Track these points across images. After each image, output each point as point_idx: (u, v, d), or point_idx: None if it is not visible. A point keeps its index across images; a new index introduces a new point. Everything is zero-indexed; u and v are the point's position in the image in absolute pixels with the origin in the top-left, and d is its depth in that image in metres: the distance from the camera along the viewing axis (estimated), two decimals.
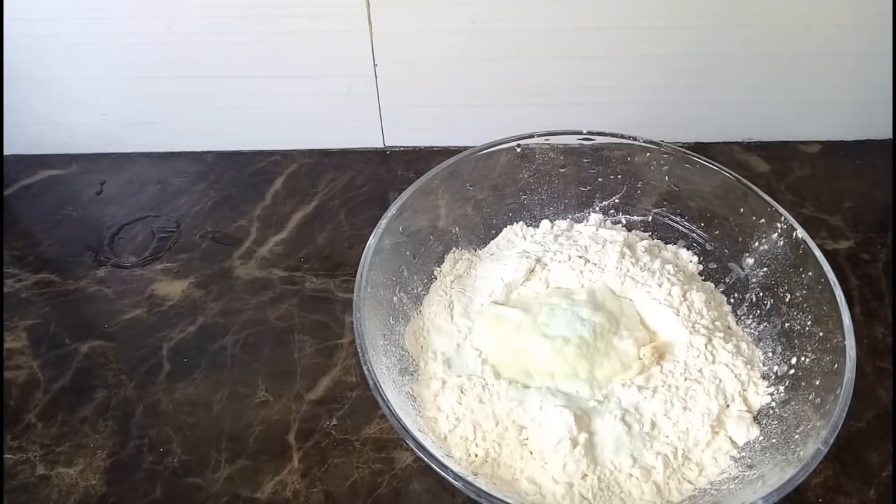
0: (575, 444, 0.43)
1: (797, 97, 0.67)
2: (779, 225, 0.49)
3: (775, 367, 0.48)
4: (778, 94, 0.67)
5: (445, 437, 0.44)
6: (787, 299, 0.49)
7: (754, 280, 0.52)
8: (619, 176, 0.57)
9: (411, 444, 0.39)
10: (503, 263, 0.54)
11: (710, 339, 0.48)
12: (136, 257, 0.61)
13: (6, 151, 0.69)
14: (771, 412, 0.46)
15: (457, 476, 0.37)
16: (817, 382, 0.43)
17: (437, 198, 0.54)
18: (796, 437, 0.41)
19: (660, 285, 0.52)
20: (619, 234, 0.56)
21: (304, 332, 0.55)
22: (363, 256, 0.47)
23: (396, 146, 0.71)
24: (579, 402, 0.46)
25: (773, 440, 0.43)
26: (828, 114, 0.69)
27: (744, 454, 0.44)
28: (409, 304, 0.52)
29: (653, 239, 0.57)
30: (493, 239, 0.58)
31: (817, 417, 0.41)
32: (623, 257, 0.53)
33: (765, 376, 0.48)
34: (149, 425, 0.49)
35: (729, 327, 0.52)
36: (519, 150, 0.55)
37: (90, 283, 0.59)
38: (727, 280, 0.54)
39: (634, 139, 0.54)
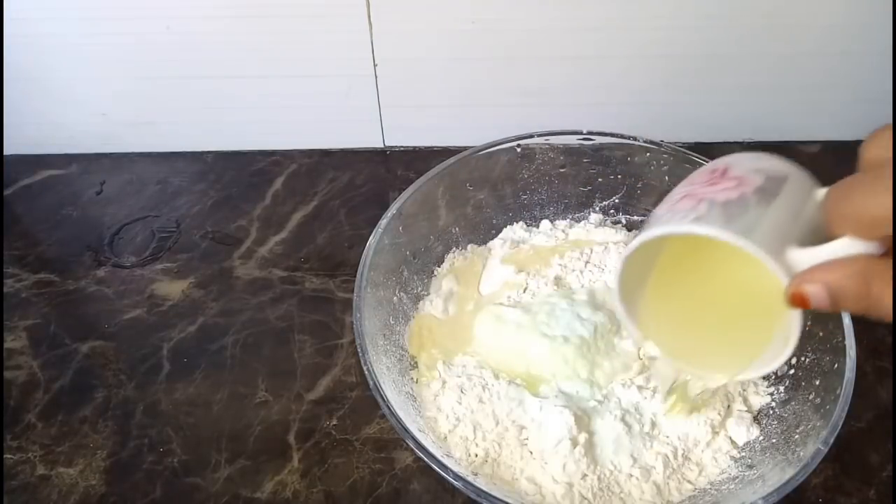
0: (575, 444, 0.43)
1: (797, 97, 0.67)
2: None
3: None
4: (778, 94, 0.67)
5: (445, 437, 0.44)
6: None
7: None
8: (619, 176, 0.57)
9: (411, 444, 0.39)
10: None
11: None
12: (136, 257, 0.61)
13: (6, 151, 0.69)
14: (771, 412, 0.46)
15: (457, 476, 0.37)
16: (817, 382, 0.43)
17: (437, 198, 0.54)
18: (796, 437, 0.41)
19: None
20: (619, 234, 0.56)
21: (304, 332, 0.55)
22: (363, 256, 0.47)
23: (396, 146, 0.71)
24: (579, 402, 0.46)
25: (773, 440, 0.43)
26: (828, 114, 0.69)
27: (744, 454, 0.44)
28: (409, 304, 0.52)
29: None
30: (493, 239, 0.58)
31: (817, 417, 0.41)
32: None
33: (765, 376, 0.48)
34: (149, 425, 0.49)
35: None
36: (519, 150, 0.55)
37: (90, 283, 0.59)
38: None
39: (634, 139, 0.54)
